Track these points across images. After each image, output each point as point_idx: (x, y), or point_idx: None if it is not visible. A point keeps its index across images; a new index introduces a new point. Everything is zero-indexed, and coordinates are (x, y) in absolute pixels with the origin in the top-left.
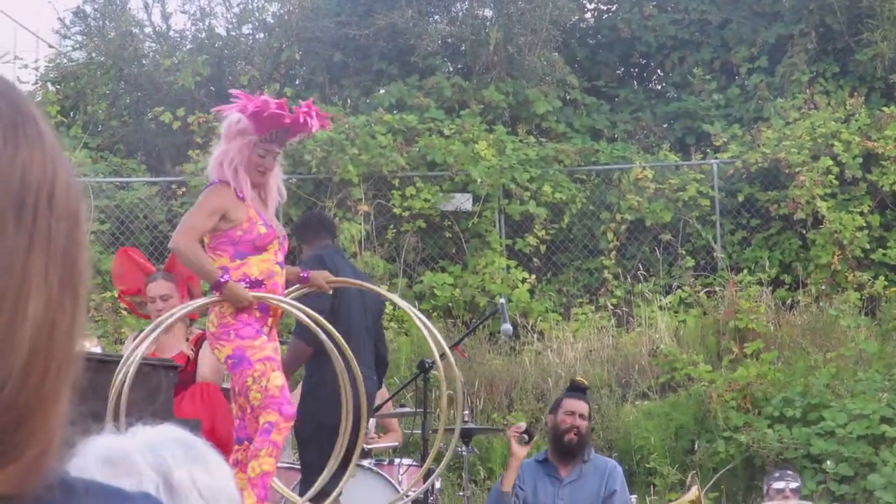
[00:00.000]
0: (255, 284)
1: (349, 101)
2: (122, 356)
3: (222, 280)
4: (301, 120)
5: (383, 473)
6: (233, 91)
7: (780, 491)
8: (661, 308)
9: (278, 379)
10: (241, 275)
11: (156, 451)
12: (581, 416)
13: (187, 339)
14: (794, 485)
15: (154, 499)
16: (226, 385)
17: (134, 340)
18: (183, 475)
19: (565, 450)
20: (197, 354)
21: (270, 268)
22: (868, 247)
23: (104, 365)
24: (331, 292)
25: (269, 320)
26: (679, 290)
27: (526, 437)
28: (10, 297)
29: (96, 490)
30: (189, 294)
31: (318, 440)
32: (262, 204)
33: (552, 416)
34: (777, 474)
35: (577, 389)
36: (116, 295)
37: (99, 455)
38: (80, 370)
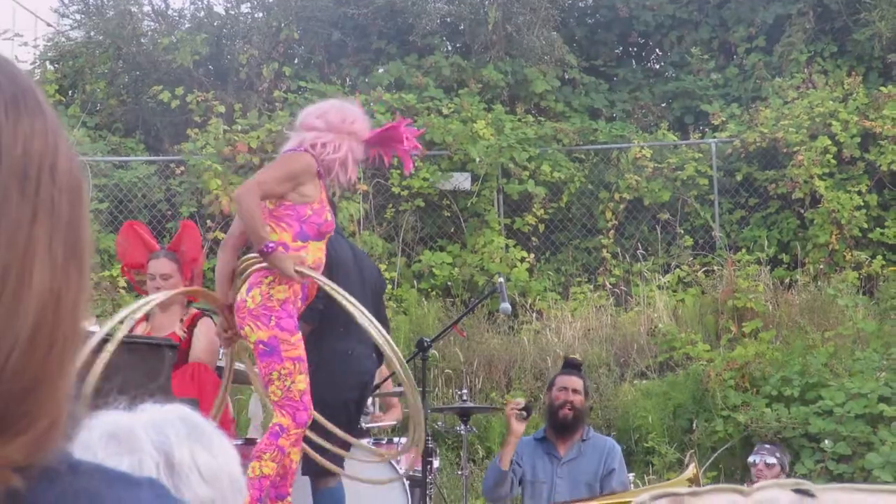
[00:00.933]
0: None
1: (348, 80)
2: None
3: (269, 246)
4: (402, 143)
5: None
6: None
7: (753, 464)
8: (659, 287)
9: (302, 383)
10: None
11: (160, 429)
12: (575, 391)
13: (182, 320)
14: (770, 460)
15: (159, 485)
16: (220, 363)
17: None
18: (184, 454)
19: (560, 425)
20: (191, 335)
21: (322, 258)
22: (866, 226)
23: (104, 345)
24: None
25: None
26: (677, 270)
27: (524, 413)
28: (16, 268)
29: (102, 473)
30: (192, 277)
31: (318, 418)
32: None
33: (548, 393)
34: (756, 449)
35: (570, 366)
36: (120, 269)
37: (104, 430)
38: (85, 344)
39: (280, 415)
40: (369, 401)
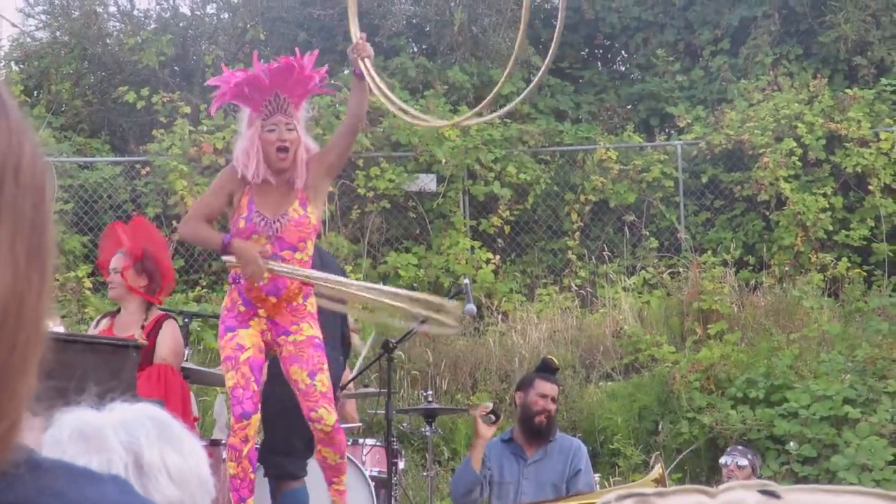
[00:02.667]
0: (235, 280)
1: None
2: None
3: (225, 242)
4: (279, 71)
5: (348, 454)
6: (209, 81)
7: (725, 465)
8: (624, 289)
9: (230, 380)
10: (234, 272)
11: (129, 429)
12: (553, 399)
13: (143, 325)
14: (741, 461)
15: (122, 481)
16: (186, 364)
17: (97, 325)
18: (154, 455)
19: (534, 431)
20: (156, 336)
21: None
22: (831, 228)
23: (68, 344)
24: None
25: (261, 311)
26: (643, 272)
27: (493, 417)
28: None
29: (64, 469)
30: (141, 270)
31: (283, 421)
32: (280, 189)
33: (521, 393)
34: (728, 450)
35: (549, 370)
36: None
37: (73, 428)
38: (47, 346)
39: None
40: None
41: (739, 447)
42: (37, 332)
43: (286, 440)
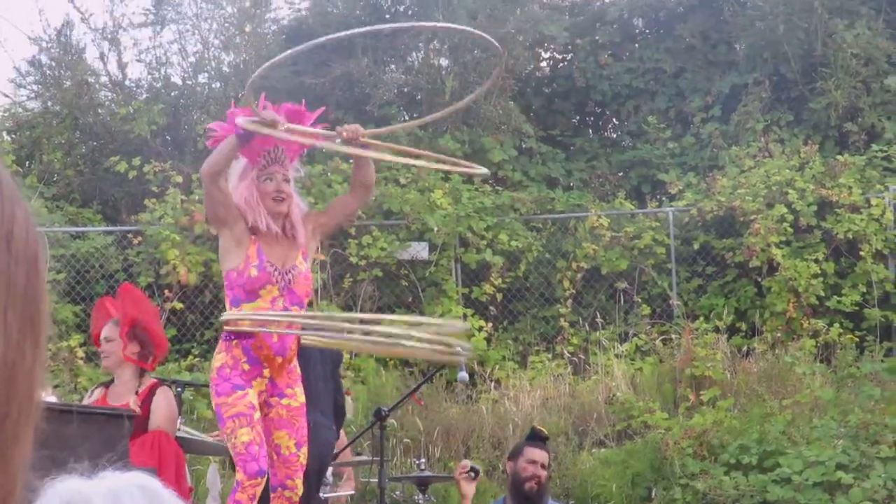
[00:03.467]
0: (246, 336)
1: (304, 149)
2: (80, 406)
3: (238, 132)
4: (287, 115)
5: None
6: (209, 126)
7: None
8: (617, 356)
9: (245, 435)
10: (232, 332)
11: (117, 498)
12: (542, 465)
13: (137, 392)
14: None
15: None
16: (179, 434)
17: (92, 394)
18: None
19: (525, 497)
20: (150, 403)
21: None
22: (823, 294)
23: (61, 415)
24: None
25: (266, 371)
26: (635, 338)
27: (472, 474)
28: None
29: None
30: (132, 337)
31: None
32: (283, 243)
33: (512, 462)
34: None
35: (537, 438)
36: (93, 338)
37: (63, 499)
38: (40, 416)
39: (237, 471)
40: (329, 471)
41: None
42: (30, 401)
43: None
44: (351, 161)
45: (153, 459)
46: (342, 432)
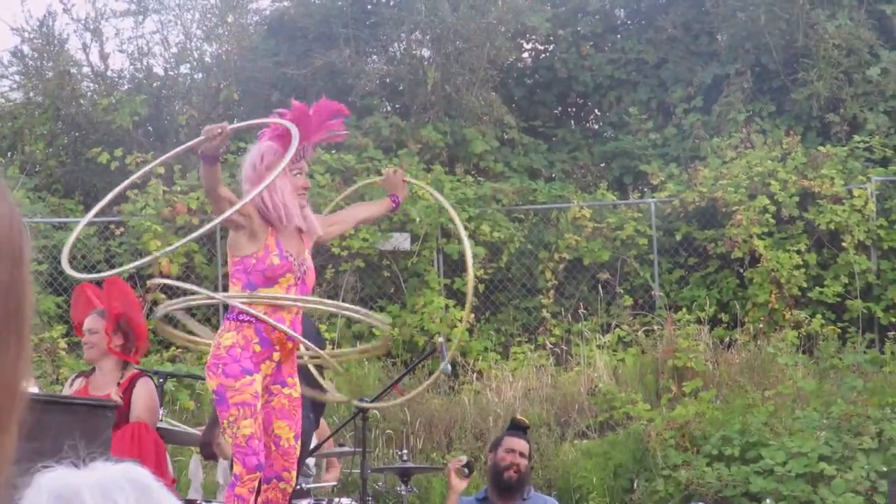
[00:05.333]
0: (257, 320)
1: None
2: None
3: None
4: (319, 114)
5: None
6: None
7: None
8: (599, 347)
9: (248, 428)
10: (242, 311)
11: (108, 491)
12: (521, 454)
13: (119, 383)
14: None
15: None
16: (161, 425)
17: (72, 384)
18: None
19: (504, 487)
20: (131, 394)
21: (278, 302)
22: (805, 285)
23: (44, 405)
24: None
25: (276, 354)
26: (617, 329)
27: (466, 470)
28: None
29: None
30: (116, 330)
31: None
32: (296, 236)
33: (492, 453)
34: None
35: (517, 428)
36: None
37: (52, 490)
38: (25, 407)
39: (235, 463)
40: (311, 461)
41: None
42: (14, 393)
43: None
44: (333, 152)
45: (133, 450)
46: (323, 421)
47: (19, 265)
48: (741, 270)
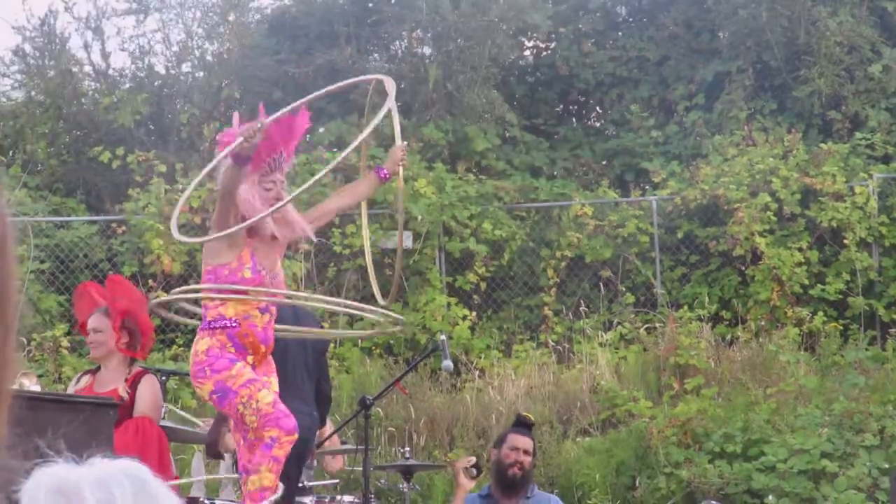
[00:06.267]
0: (231, 325)
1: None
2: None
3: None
4: (291, 127)
5: None
6: (220, 136)
7: None
8: (601, 344)
9: (268, 396)
10: (217, 314)
11: (106, 486)
12: (525, 451)
13: (126, 378)
14: None
15: None
16: (164, 422)
17: (78, 381)
18: None
19: (508, 484)
20: (135, 391)
21: (248, 311)
22: (807, 282)
23: (44, 404)
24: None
25: (250, 358)
26: (619, 327)
27: (474, 470)
28: None
29: None
30: (122, 328)
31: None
32: (270, 245)
33: (496, 450)
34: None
35: (522, 425)
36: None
37: (51, 485)
38: (11, 398)
39: (267, 430)
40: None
41: (713, 502)
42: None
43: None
44: (335, 151)
45: (137, 445)
46: (329, 421)
47: (4, 254)
48: (743, 268)
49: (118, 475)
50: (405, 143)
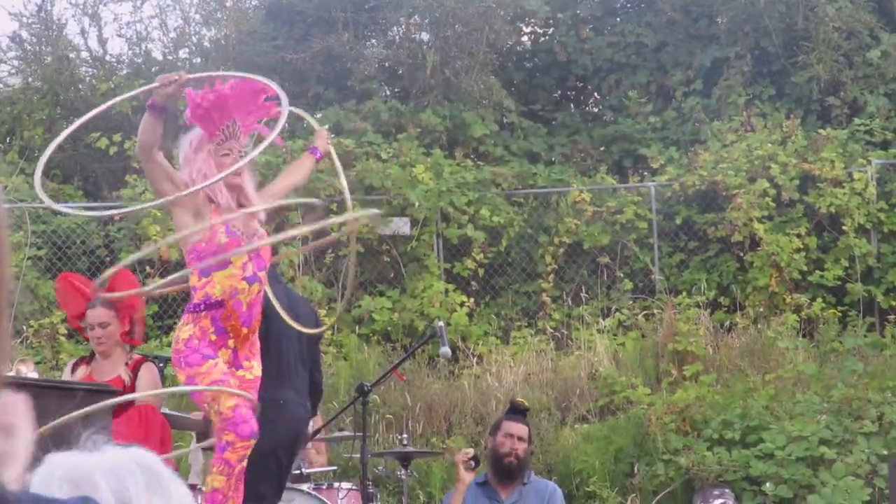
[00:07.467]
0: (216, 306)
1: (286, 125)
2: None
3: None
4: (246, 93)
5: (322, 498)
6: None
7: None
8: (599, 331)
9: (230, 400)
10: (203, 295)
11: (119, 476)
12: (520, 438)
13: (126, 364)
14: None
15: (93, 501)
16: (164, 410)
17: (73, 369)
18: None
19: (504, 472)
20: (136, 378)
21: (234, 284)
22: (805, 269)
23: (42, 391)
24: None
25: (231, 341)
26: (617, 313)
27: (472, 463)
28: None
29: (30, 500)
30: (130, 321)
31: (252, 467)
32: (236, 210)
33: (492, 438)
34: (717, 492)
35: (516, 411)
36: (66, 320)
37: (63, 473)
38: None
39: (224, 434)
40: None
41: (716, 490)
42: None
43: (254, 486)
44: (333, 137)
45: (140, 431)
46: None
47: None
48: (741, 254)
49: (130, 465)
50: (326, 126)
